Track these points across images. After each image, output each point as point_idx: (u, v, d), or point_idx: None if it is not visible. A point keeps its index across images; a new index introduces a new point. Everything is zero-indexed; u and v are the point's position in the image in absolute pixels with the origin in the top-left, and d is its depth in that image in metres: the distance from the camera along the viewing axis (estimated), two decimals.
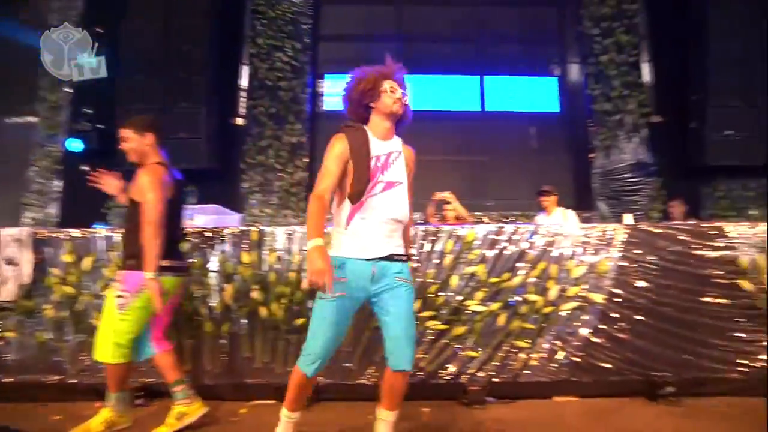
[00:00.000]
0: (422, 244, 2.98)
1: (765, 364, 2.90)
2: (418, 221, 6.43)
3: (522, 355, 2.88)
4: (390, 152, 1.95)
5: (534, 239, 2.99)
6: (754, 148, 6.68)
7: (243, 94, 6.80)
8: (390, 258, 1.90)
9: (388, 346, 1.88)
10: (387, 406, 1.96)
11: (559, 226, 3.18)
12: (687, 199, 6.55)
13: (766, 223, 3.08)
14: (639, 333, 2.91)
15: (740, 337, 2.95)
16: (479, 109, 7.63)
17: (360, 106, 1.97)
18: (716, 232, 3.07)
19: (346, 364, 2.88)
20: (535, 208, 5.05)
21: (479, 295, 2.90)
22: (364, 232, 1.87)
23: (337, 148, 1.88)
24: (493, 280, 2.91)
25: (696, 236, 3.05)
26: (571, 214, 4.83)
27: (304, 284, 2.88)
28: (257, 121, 6.65)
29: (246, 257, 2.93)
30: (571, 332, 2.91)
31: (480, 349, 2.89)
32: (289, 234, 2.99)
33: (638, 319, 2.91)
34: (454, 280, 2.91)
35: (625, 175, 6.82)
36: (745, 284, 2.96)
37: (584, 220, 6.56)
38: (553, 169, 7.26)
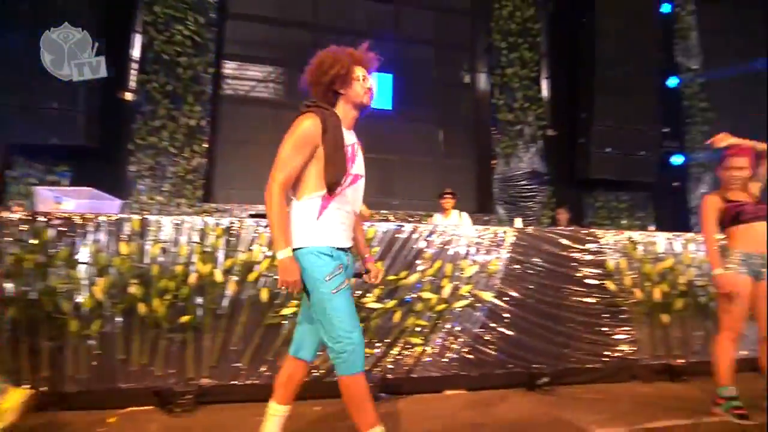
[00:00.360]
0: None
1: (619, 356, 3.29)
2: None
3: (416, 351, 2.95)
4: (354, 143, 1.83)
5: (432, 238, 3.08)
6: (628, 164, 7.59)
7: (134, 66, 6.07)
8: (351, 250, 1.85)
9: (311, 337, 1.86)
10: (285, 400, 1.91)
11: (454, 227, 3.30)
12: (572, 207, 7.24)
13: (632, 231, 3.49)
14: (521, 329, 3.13)
15: (605, 331, 3.30)
16: (390, 108, 7.73)
17: (329, 90, 1.80)
18: (590, 238, 3.40)
19: (236, 364, 2.73)
20: (439, 209, 5.23)
21: (376, 292, 2.91)
22: (337, 222, 1.75)
23: (308, 129, 1.69)
24: (391, 277, 2.94)
25: (573, 241, 3.36)
26: (465, 216, 5.07)
27: (192, 278, 2.67)
28: (150, 98, 5.94)
29: (124, 248, 2.64)
30: (462, 329, 3.03)
31: (375, 346, 2.90)
32: (177, 224, 2.75)
33: (521, 316, 3.13)
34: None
35: (522, 183, 7.36)
36: (610, 285, 3.33)
37: (483, 223, 6.98)
38: (458, 173, 7.59)
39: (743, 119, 9.06)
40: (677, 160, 8.57)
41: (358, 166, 1.82)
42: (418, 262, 3.02)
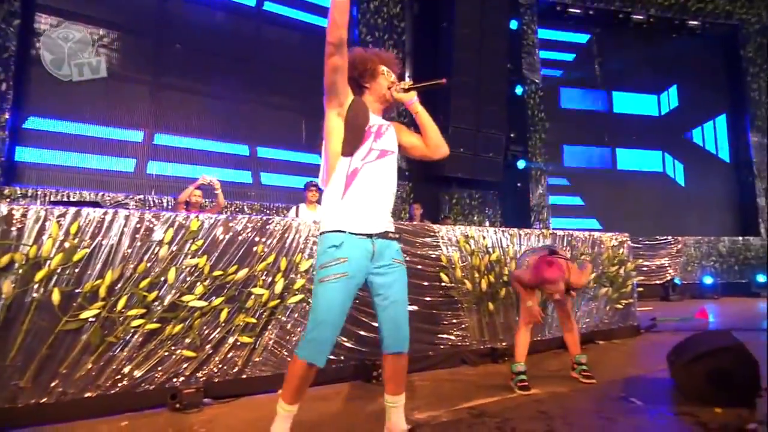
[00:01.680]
0: (141, 232, 2.56)
1: (450, 343, 3.51)
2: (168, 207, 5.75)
3: (245, 352, 2.77)
4: (381, 124, 1.95)
5: (269, 229, 2.91)
6: (478, 164, 8.28)
7: None
8: (386, 236, 1.85)
9: (384, 328, 1.85)
10: (395, 391, 1.92)
11: (305, 220, 3.18)
12: (429, 203, 7.67)
13: (466, 226, 3.75)
14: (357, 322, 3.14)
15: (437, 321, 3.49)
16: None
17: (356, 84, 1.93)
18: (429, 232, 3.56)
19: (14, 382, 2.25)
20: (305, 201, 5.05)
21: (200, 289, 2.65)
22: (362, 203, 1.80)
23: (347, 88, 1.86)
24: (217, 273, 2.70)
25: (415, 235, 3.48)
26: None
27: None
28: None
29: None
30: (296, 325, 2.93)
31: (198, 348, 2.65)
32: None
33: (358, 309, 3.13)
34: (172, 274, 2.59)
35: None
36: (444, 277, 3.52)
37: None
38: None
39: (572, 128, 10.56)
40: (520, 164, 9.62)
41: (385, 142, 1.91)
42: (248, 257, 2.83)
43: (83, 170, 5.96)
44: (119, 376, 2.46)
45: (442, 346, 3.52)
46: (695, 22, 11.09)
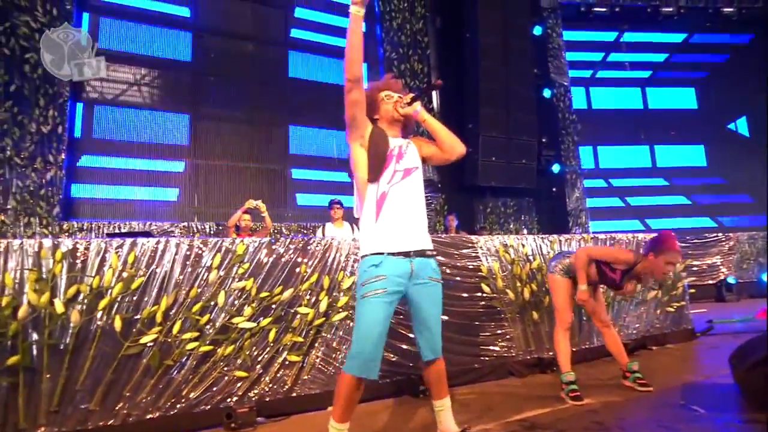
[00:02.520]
0: (191, 258, 2.69)
1: (495, 355, 3.46)
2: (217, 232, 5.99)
3: (294, 370, 2.83)
4: (401, 144, 2.05)
5: (310, 250, 2.99)
6: (511, 172, 8.19)
7: None
8: (423, 253, 1.93)
9: (422, 339, 1.98)
10: (439, 395, 2.05)
11: (343, 238, 3.26)
12: (464, 214, 7.63)
13: (505, 235, 3.72)
14: (402, 337, 3.15)
15: (481, 333, 3.46)
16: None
17: (371, 120, 2.05)
18: (467, 243, 3.56)
19: (83, 405, 2.39)
20: (330, 219, 5.16)
21: (248, 311, 2.75)
22: (395, 223, 1.90)
23: (366, 119, 2.00)
24: (264, 294, 2.80)
25: (451, 247, 3.48)
26: (357, 229, 5.08)
27: (23, 311, 2.30)
28: None
29: None
30: (341, 342, 2.98)
31: (251, 368, 2.74)
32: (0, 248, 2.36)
33: (402, 324, 3.15)
34: (222, 297, 2.70)
35: None
36: (485, 287, 3.50)
37: None
38: (349, 182, 7.64)
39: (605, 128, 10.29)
40: (556, 168, 9.45)
41: (408, 160, 2.01)
42: (293, 277, 2.91)
43: (131, 202, 6.31)
44: (177, 398, 2.57)
45: (487, 358, 3.48)
46: (730, 9, 10.67)
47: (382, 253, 1.86)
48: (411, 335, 3.15)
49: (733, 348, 2.78)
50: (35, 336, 2.35)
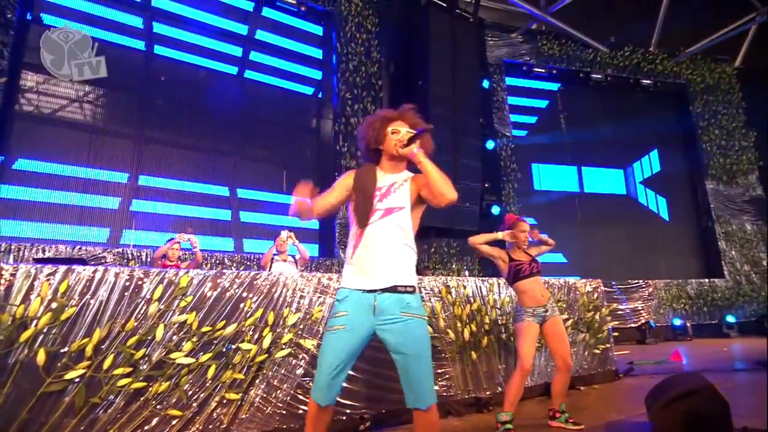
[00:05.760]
0: (130, 290, 2.58)
1: (438, 392, 3.52)
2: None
3: (230, 409, 2.73)
4: (394, 182, 2.04)
5: (256, 285, 2.97)
6: (456, 214, 8.52)
7: None
8: (395, 290, 1.87)
9: (402, 384, 1.85)
10: None
11: (285, 271, 3.25)
12: None
13: (449, 277, 3.87)
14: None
15: None
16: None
17: (369, 150, 2.11)
18: None
19: None
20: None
21: (188, 346, 2.65)
22: (365, 261, 1.91)
23: (344, 180, 2.07)
24: (205, 329, 2.72)
25: None
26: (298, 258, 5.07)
27: None
28: None
29: None
30: (282, 380, 2.93)
31: (184, 406, 2.61)
32: None
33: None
34: (160, 331, 2.59)
35: None
36: (428, 327, 3.59)
37: (326, 267, 7.04)
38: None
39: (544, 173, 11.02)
40: (495, 210, 9.94)
41: (393, 200, 1.99)
42: (236, 312, 2.86)
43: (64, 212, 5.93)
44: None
45: None
46: (648, 81, 12.06)
47: (348, 289, 1.92)
48: (353, 372, 3.16)
49: (649, 389, 3.03)
50: None
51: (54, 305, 2.38)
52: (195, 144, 7.21)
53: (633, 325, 9.36)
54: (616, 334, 5.49)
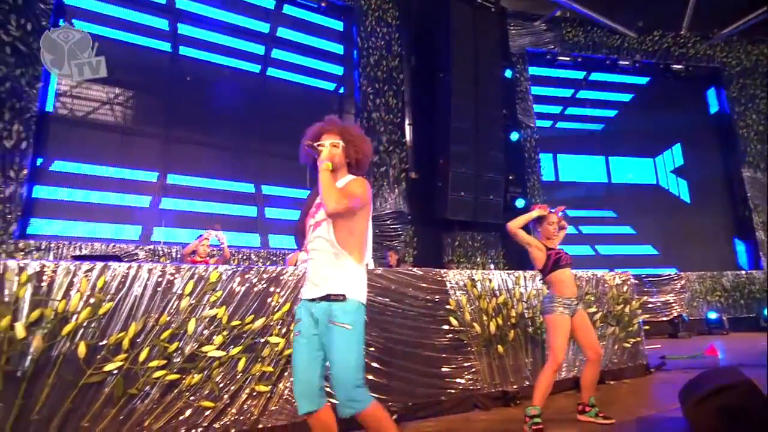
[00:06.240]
0: (162, 285, 2.67)
1: (462, 387, 3.53)
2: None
3: (260, 401, 2.80)
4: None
5: (282, 280, 3.02)
6: (479, 207, 8.45)
7: None
8: (327, 298, 1.92)
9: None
10: None
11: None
12: (432, 247, 7.78)
13: (474, 270, 3.85)
14: (372, 369, 3.18)
15: (447, 365, 3.52)
16: None
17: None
18: (435, 278, 3.66)
19: None
20: None
21: (218, 339, 2.72)
22: (308, 273, 2.03)
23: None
24: (235, 323, 2.79)
25: (420, 280, 3.58)
26: None
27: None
28: None
29: None
30: None
31: (216, 397, 2.69)
32: None
33: (370, 355, 3.18)
34: (192, 325, 2.67)
35: (387, 222, 7.71)
36: (453, 320, 3.59)
37: None
38: None
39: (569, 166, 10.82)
40: (520, 203, 9.81)
41: (320, 213, 2.02)
42: (265, 306, 2.92)
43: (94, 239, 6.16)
44: (140, 428, 2.49)
45: (453, 391, 3.53)
46: (679, 66, 11.63)
47: (302, 299, 2.04)
48: (377, 366, 3.19)
49: (683, 383, 2.95)
50: None
51: (92, 300, 2.48)
52: (220, 142, 7.36)
53: (665, 318, 9.11)
54: (647, 327, 5.35)
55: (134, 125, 6.67)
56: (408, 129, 8.40)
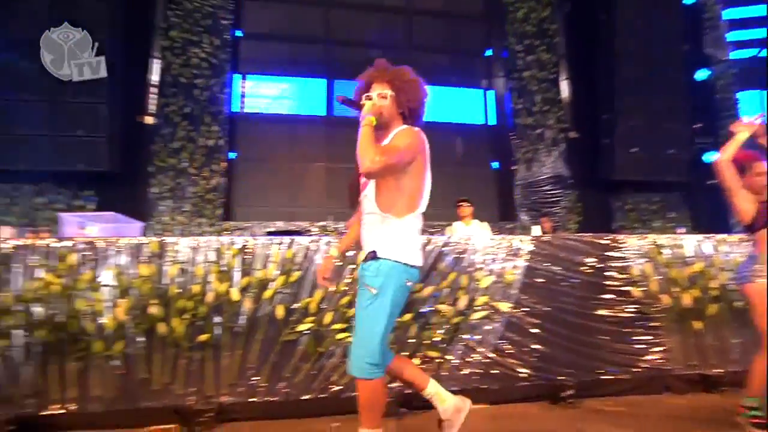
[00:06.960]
0: None
1: (648, 366, 3.14)
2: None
3: (432, 366, 2.91)
4: None
5: (446, 250, 3.05)
6: (656, 164, 7.32)
7: (153, 90, 6.30)
8: (366, 258, 1.92)
9: None
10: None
11: (474, 235, 3.26)
12: (597, 212, 7.03)
13: (656, 235, 3.35)
14: (543, 340, 3.04)
15: (630, 340, 3.17)
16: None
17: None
18: (611, 244, 3.29)
19: (254, 381, 2.75)
20: (457, 218, 5.17)
21: None
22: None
23: None
24: None
25: (594, 248, 3.25)
26: (486, 226, 4.99)
27: (210, 297, 2.73)
28: (169, 121, 6.22)
29: (144, 269, 2.72)
30: (480, 341, 2.97)
31: None
32: (194, 246, 2.82)
33: (543, 327, 3.04)
34: None
35: (545, 188, 7.21)
36: (636, 291, 3.20)
37: (507, 232, 6.86)
38: (477, 180, 7.51)
39: None
40: (709, 157, 8.21)
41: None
42: (432, 274, 2.99)
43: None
44: (328, 383, 2.81)
45: (637, 369, 3.17)
46: None
47: None
48: (553, 338, 3.04)
49: None
50: (218, 319, 2.76)
51: (284, 269, 2.85)
52: None
53: None
54: None
55: (299, 114, 7.37)
56: (564, 84, 7.63)
